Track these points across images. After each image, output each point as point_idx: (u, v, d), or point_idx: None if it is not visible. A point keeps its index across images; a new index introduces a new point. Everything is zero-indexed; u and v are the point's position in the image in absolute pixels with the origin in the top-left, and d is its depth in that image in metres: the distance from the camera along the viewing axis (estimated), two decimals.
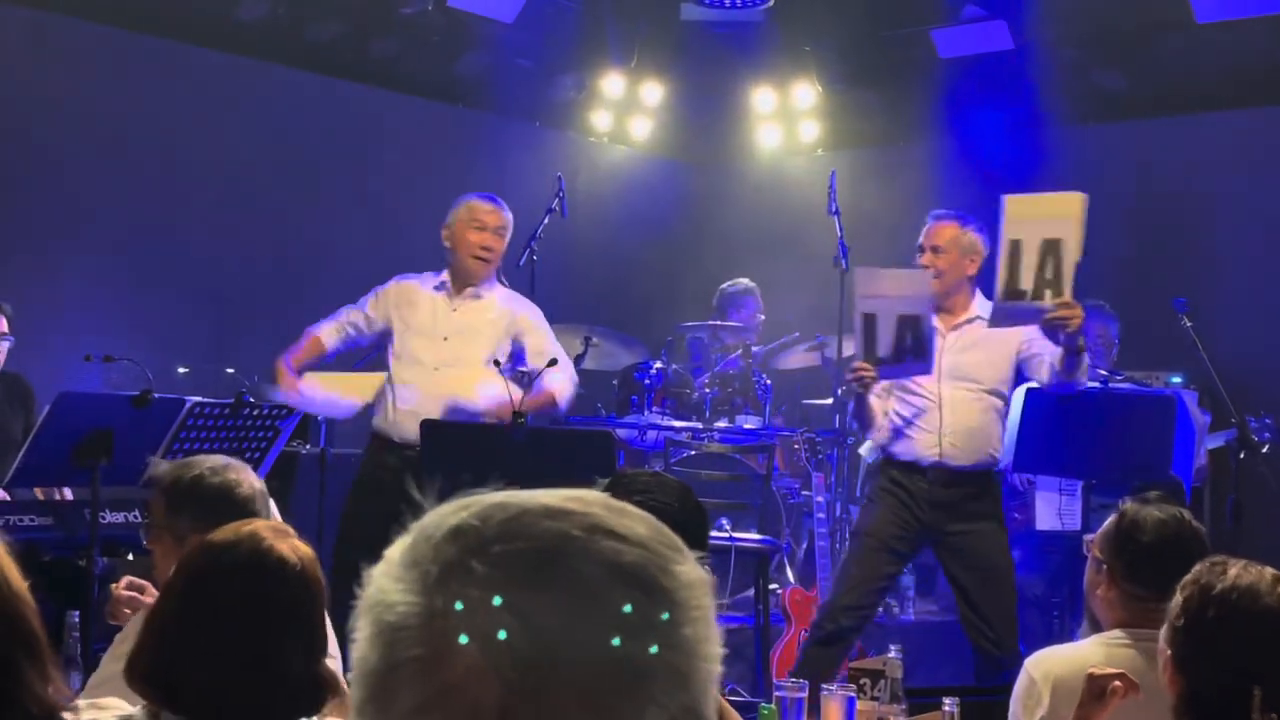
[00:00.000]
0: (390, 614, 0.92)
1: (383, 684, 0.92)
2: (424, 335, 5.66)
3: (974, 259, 5.43)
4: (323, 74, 8.28)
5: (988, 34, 8.41)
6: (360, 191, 8.33)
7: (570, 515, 0.94)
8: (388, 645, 0.91)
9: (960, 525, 5.34)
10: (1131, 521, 3.12)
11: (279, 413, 5.14)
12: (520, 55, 8.83)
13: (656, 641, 0.91)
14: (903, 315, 5.15)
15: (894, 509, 5.40)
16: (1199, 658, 2.47)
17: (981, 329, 5.38)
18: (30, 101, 7.17)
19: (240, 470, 3.25)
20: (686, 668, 0.92)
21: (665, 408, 7.24)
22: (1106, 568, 3.14)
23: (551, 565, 0.91)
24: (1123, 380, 6.19)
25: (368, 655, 0.93)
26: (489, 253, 5.71)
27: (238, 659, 2.11)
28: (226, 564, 2.19)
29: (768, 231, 9.27)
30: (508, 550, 0.91)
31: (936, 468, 5.35)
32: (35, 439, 4.75)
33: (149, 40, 7.60)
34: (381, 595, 0.93)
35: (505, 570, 0.91)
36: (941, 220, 5.49)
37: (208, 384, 6.74)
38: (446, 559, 0.92)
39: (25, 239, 7.12)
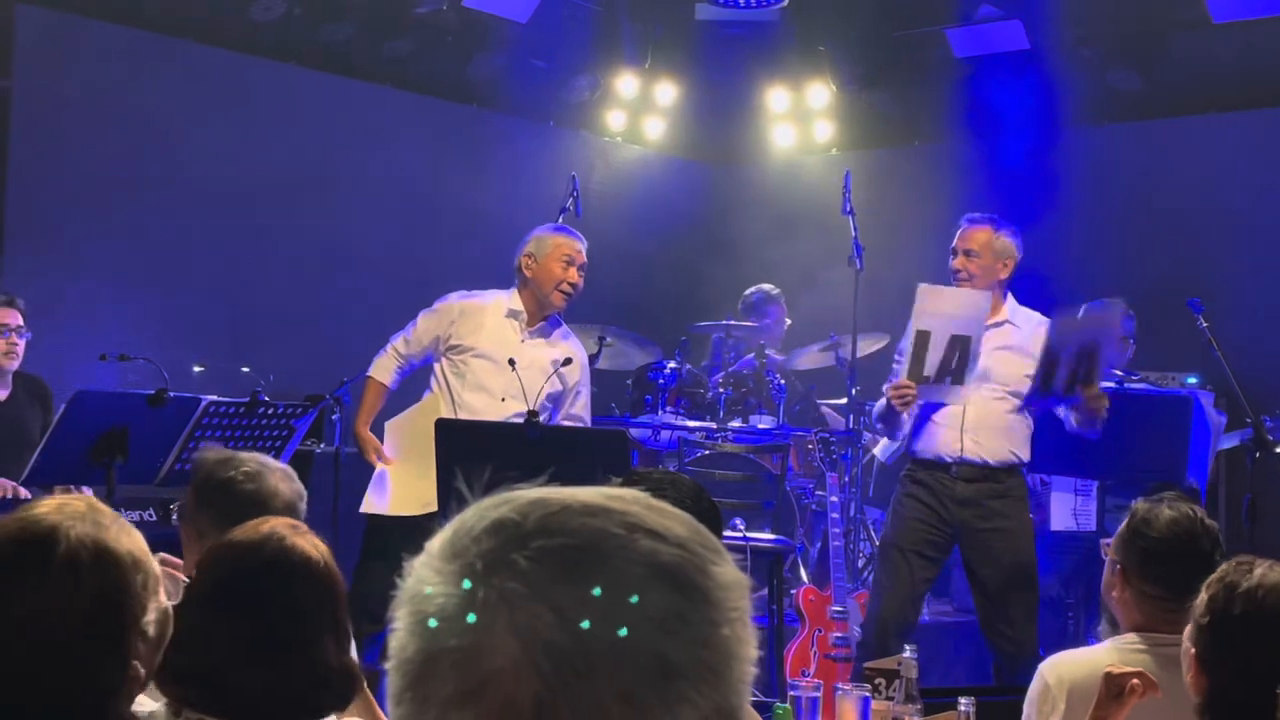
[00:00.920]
0: (430, 605, 0.93)
1: (420, 673, 0.92)
2: (492, 361, 5.52)
3: (1007, 263, 5.41)
4: (337, 74, 8.29)
5: (1003, 33, 8.39)
6: (375, 191, 8.35)
7: (610, 513, 0.95)
8: (426, 636, 0.92)
9: (987, 523, 5.33)
10: (1142, 519, 3.11)
11: (294, 411, 5.15)
12: (534, 55, 8.83)
13: (693, 640, 0.92)
14: (955, 335, 5.16)
15: (920, 513, 5.38)
16: (1224, 657, 2.46)
17: (1012, 332, 5.38)
18: (47, 100, 7.20)
19: (278, 478, 3.20)
20: (722, 667, 0.93)
21: (679, 407, 7.24)
22: (1120, 567, 3.12)
23: (590, 562, 0.92)
24: (1138, 381, 6.18)
25: (406, 645, 0.94)
26: (574, 290, 5.66)
27: (273, 656, 2.13)
28: (253, 563, 2.22)
29: (782, 232, 9.26)
30: (548, 545, 0.92)
31: (960, 464, 5.34)
32: (51, 437, 4.77)
33: (165, 40, 7.62)
34: (421, 586, 0.94)
35: (545, 565, 0.91)
36: (975, 224, 5.45)
37: (223, 382, 6.75)
38: (487, 552, 0.93)
39: (42, 237, 7.15)
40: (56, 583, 1.88)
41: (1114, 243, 8.34)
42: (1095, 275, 7.57)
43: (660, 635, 0.91)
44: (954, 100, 8.81)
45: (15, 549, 1.91)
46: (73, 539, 1.90)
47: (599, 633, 0.89)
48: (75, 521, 1.93)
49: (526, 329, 5.63)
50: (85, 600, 1.89)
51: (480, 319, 5.61)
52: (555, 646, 0.89)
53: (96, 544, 1.92)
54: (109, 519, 1.98)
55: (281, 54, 8.02)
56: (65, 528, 1.91)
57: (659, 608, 0.91)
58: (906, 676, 3.32)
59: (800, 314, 8.30)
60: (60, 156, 7.25)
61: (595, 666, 0.89)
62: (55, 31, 7.27)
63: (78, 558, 1.90)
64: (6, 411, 5.75)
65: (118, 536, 1.95)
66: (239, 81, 7.93)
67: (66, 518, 1.93)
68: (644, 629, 0.90)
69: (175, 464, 4.96)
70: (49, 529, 1.91)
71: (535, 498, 0.96)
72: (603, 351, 7.59)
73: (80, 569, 1.89)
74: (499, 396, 5.49)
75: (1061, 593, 6.57)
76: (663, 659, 0.90)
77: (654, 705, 0.90)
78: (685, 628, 0.92)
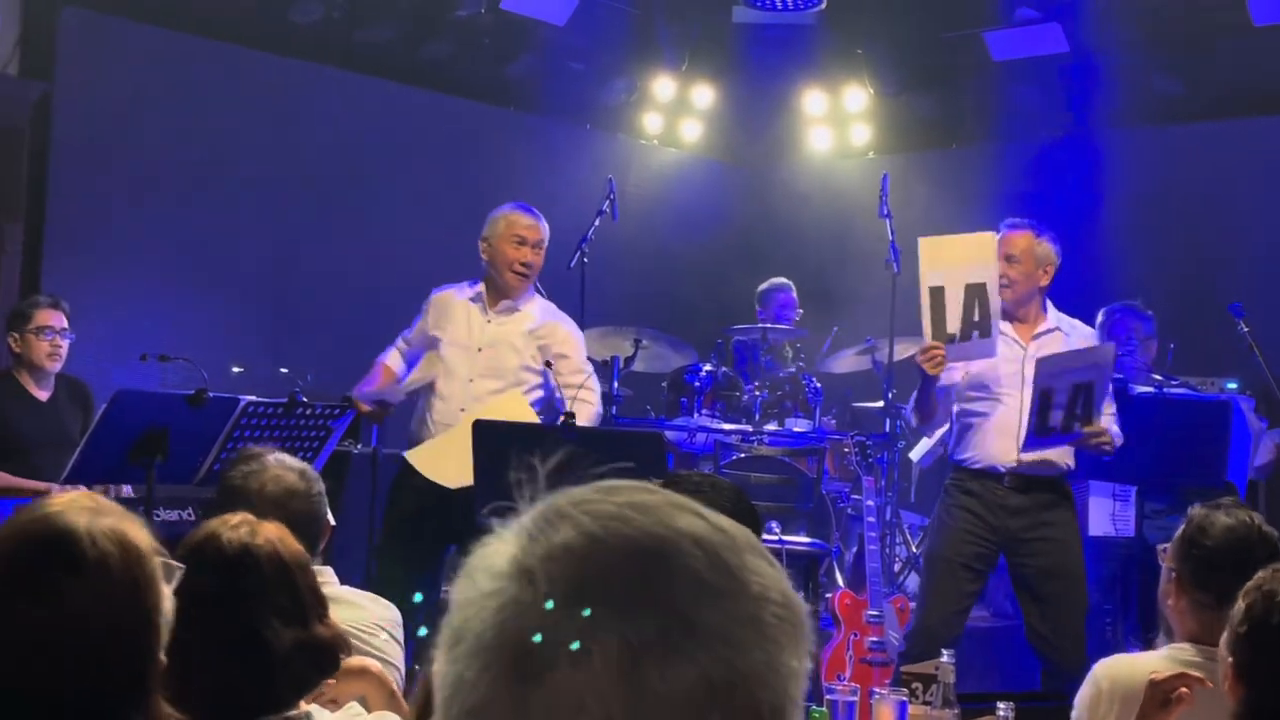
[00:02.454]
0: (483, 561, 0.96)
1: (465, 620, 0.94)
2: (459, 347, 5.57)
3: (1048, 269, 5.35)
4: (376, 76, 8.33)
5: (1042, 36, 8.35)
6: (413, 193, 8.38)
7: (663, 493, 0.98)
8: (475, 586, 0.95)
9: (1038, 531, 5.28)
10: (1198, 527, 3.05)
11: (331, 412, 5.17)
12: (572, 58, 8.85)
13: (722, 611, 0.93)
14: (970, 284, 5.04)
15: (969, 524, 5.32)
16: (1261, 665, 2.43)
17: (1062, 339, 5.33)
18: (89, 102, 7.26)
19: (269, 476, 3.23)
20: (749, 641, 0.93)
21: (715, 410, 7.23)
22: (1175, 575, 3.06)
23: (632, 521, 0.94)
24: (1178, 386, 6.13)
25: (459, 593, 0.96)
26: (528, 269, 5.59)
27: (225, 652, 2.19)
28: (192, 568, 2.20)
29: (818, 235, 9.25)
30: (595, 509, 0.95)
31: (1014, 474, 5.30)
32: (92, 436, 4.80)
33: (205, 42, 7.68)
34: (485, 548, 0.97)
35: (590, 520, 0.94)
36: (1016, 228, 5.38)
37: (262, 383, 6.79)
38: (542, 515, 0.96)
39: (83, 238, 7.21)
40: (91, 579, 1.89)
41: (1154, 246, 8.29)
42: (1135, 278, 7.52)
43: (684, 596, 0.91)
44: (992, 103, 8.77)
45: (43, 549, 1.91)
46: (97, 534, 1.92)
47: (621, 580, 0.91)
48: (93, 517, 1.94)
49: (491, 310, 5.61)
50: (119, 594, 1.90)
51: (449, 309, 5.64)
52: (573, 584, 0.91)
53: (120, 537, 1.93)
54: (119, 512, 1.99)
55: (320, 56, 8.07)
56: (85, 524, 1.92)
57: (694, 572, 0.93)
58: (944, 681, 3.31)
59: (837, 317, 8.28)
60: (101, 158, 7.31)
61: (605, 605, 0.90)
62: (97, 34, 7.33)
63: (107, 552, 1.91)
64: (48, 412, 5.80)
65: (133, 528, 1.97)
66: (278, 83, 7.98)
67: (81, 514, 1.94)
68: (668, 585, 0.92)
69: (214, 463, 4.99)
70: (69, 526, 1.91)
71: (590, 485, 0.99)
72: (638, 354, 7.59)
73: (110, 563, 1.90)
74: (467, 378, 5.52)
75: (1099, 599, 6.51)
76: (689, 621, 0.91)
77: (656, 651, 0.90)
78: (712, 597, 0.92)
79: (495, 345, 5.54)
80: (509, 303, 5.63)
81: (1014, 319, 5.36)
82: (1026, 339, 5.35)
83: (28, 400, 5.77)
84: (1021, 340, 5.35)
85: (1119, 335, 6.38)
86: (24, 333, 5.74)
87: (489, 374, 5.51)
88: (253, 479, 3.19)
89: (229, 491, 3.21)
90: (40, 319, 5.74)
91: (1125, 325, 6.39)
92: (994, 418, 5.31)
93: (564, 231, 5.86)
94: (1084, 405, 5.05)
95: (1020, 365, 5.27)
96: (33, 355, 5.73)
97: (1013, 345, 5.31)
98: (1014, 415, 5.24)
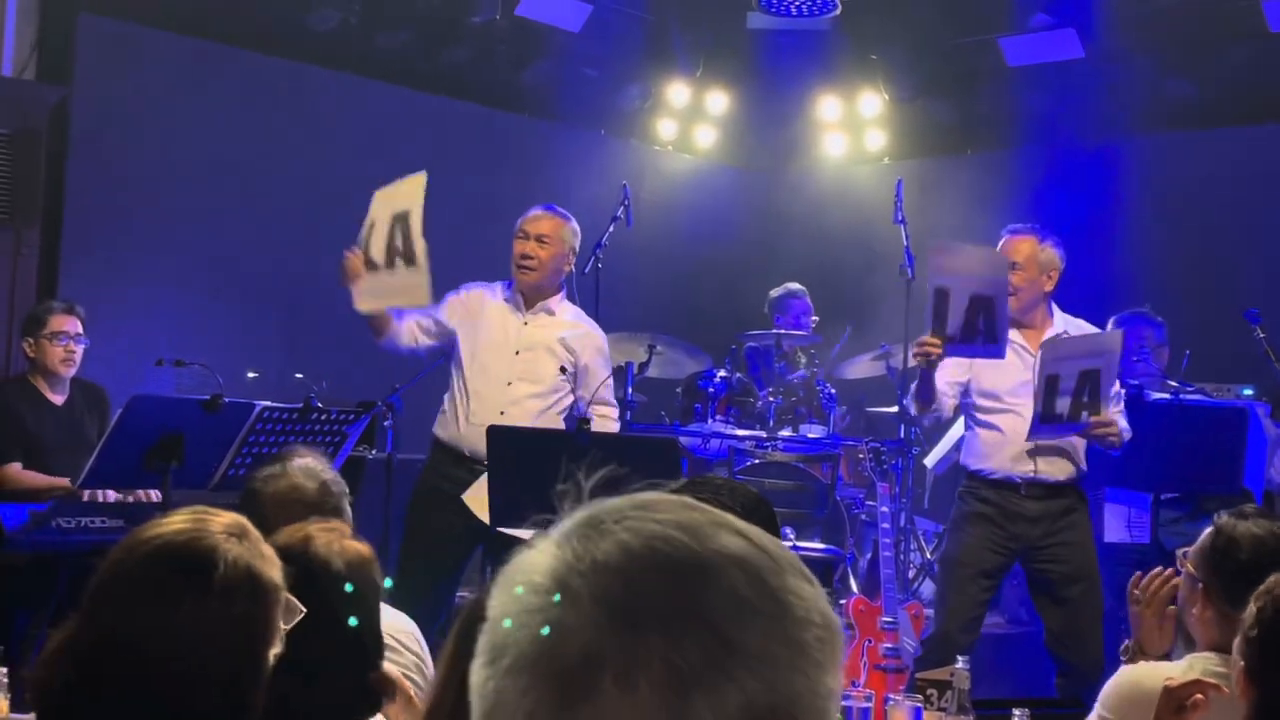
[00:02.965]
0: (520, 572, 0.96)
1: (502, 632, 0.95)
2: (495, 348, 5.55)
3: (1051, 275, 5.35)
4: (392, 82, 8.35)
5: (1057, 42, 8.34)
6: (428, 198, 8.37)
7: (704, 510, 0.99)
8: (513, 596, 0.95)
9: (1057, 537, 5.29)
10: (1228, 539, 2.99)
11: (346, 417, 5.18)
12: (587, 64, 8.86)
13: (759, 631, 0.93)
14: (976, 295, 5.02)
15: (987, 532, 5.33)
16: (1272, 668, 2.43)
17: None
18: (106, 107, 7.29)
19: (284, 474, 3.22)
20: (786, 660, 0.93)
21: (729, 416, 7.23)
22: (1202, 586, 3.01)
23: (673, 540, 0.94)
24: (1193, 392, 6.12)
25: (496, 605, 0.97)
26: (529, 261, 5.58)
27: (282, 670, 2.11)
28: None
29: (833, 241, 9.25)
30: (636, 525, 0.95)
31: (1031, 483, 5.29)
32: (108, 441, 4.82)
33: (222, 49, 7.70)
34: (522, 557, 0.98)
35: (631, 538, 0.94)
36: (1018, 234, 5.39)
37: (277, 388, 6.80)
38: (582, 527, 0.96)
39: (99, 243, 7.24)
40: (214, 604, 1.92)
41: (1169, 252, 8.27)
42: (1150, 284, 7.50)
43: (725, 617, 0.92)
44: (1007, 109, 8.76)
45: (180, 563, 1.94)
46: (230, 561, 1.94)
47: (662, 599, 0.91)
48: (232, 544, 1.97)
49: (526, 311, 5.63)
50: (236, 625, 1.93)
51: (483, 306, 5.64)
52: (615, 604, 0.91)
53: (250, 570, 1.95)
54: (256, 539, 2.01)
55: (337, 63, 8.09)
56: (224, 549, 1.95)
57: (731, 592, 0.93)
58: (959, 688, 3.31)
59: (851, 323, 8.27)
60: (118, 163, 7.33)
61: (649, 628, 0.90)
62: (115, 40, 7.36)
63: (233, 582, 1.93)
64: (63, 416, 5.82)
65: (268, 566, 1.99)
66: (295, 90, 8.00)
67: (225, 537, 1.96)
68: (710, 606, 0.92)
69: (229, 469, 5.01)
70: (210, 549, 1.95)
71: (631, 496, 1.00)
72: (653, 359, 7.60)
73: (234, 593, 1.93)
74: (505, 381, 5.51)
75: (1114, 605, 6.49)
76: (729, 642, 0.91)
77: (702, 675, 0.90)
78: (754, 618, 0.93)
79: (533, 348, 5.55)
80: (544, 304, 5.65)
81: (1021, 325, 5.36)
82: (1035, 346, 5.34)
83: (43, 405, 5.79)
84: (1030, 348, 5.34)
85: (1130, 343, 6.38)
86: (39, 338, 5.77)
87: (527, 377, 5.51)
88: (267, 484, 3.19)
89: (246, 493, 3.22)
90: (54, 324, 5.76)
91: (1136, 333, 6.38)
92: (1007, 427, 5.31)
93: (579, 238, 5.86)
94: (1090, 393, 5.03)
95: (1032, 373, 5.25)
96: (47, 360, 5.76)
97: (1022, 354, 5.31)
98: (1026, 424, 5.23)
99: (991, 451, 5.36)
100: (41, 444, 5.71)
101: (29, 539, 4.77)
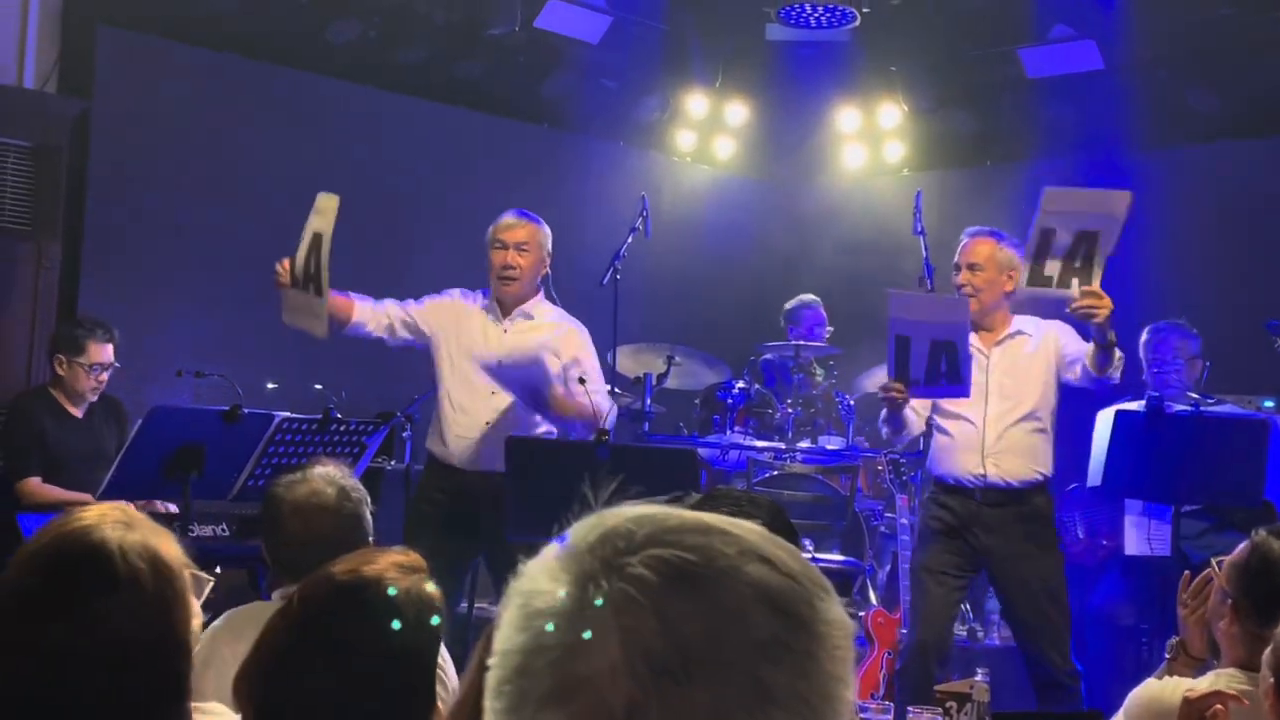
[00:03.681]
0: (538, 600, 0.94)
1: (520, 667, 0.93)
2: (476, 358, 5.45)
3: (1011, 275, 5.35)
4: (411, 95, 8.37)
5: (1077, 54, 8.32)
6: (447, 210, 8.40)
7: (725, 534, 0.96)
8: (531, 631, 0.93)
9: (1012, 547, 5.29)
10: (1263, 558, 2.93)
11: (365, 428, 5.19)
12: (605, 75, 8.88)
13: (792, 669, 0.92)
14: (936, 341, 5.07)
15: (946, 538, 5.35)
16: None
17: (1024, 343, 5.33)
18: (126, 120, 7.32)
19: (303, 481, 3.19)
20: (818, 702, 0.93)
21: (748, 427, 7.22)
22: (1231, 602, 2.97)
23: (701, 577, 0.93)
24: (1214, 404, 6.09)
25: (510, 637, 0.95)
26: (511, 271, 5.50)
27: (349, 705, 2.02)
28: (352, 605, 2.09)
29: (852, 252, 9.23)
30: (660, 556, 0.93)
31: (984, 489, 5.30)
32: (128, 452, 4.84)
33: (242, 61, 7.73)
34: (533, 584, 0.95)
35: (656, 574, 0.92)
36: (976, 237, 5.45)
37: (296, 399, 6.82)
38: (600, 556, 0.94)
39: (120, 255, 7.26)
40: (123, 596, 1.88)
41: (1191, 264, 8.24)
42: (1171, 297, 7.47)
43: (761, 659, 0.91)
44: (1027, 121, 8.74)
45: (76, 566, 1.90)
46: (129, 551, 1.91)
47: (700, 647, 0.90)
48: (125, 532, 1.93)
49: (505, 319, 5.56)
50: (150, 611, 1.90)
51: (465, 314, 5.58)
52: (656, 653, 0.89)
53: (152, 554, 1.93)
54: (149, 526, 1.98)
55: (356, 75, 8.11)
56: (117, 540, 1.91)
57: (763, 632, 0.92)
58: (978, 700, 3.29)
59: (871, 335, 8.25)
60: (138, 175, 7.36)
61: (693, 679, 0.89)
62: (135, 53, 7.40)
63: (138, 569, 1.91)
64: (84, 428, 5.85)
65: (164, 543, 1.96)
66: (314, 102, 8.03)
67: (114, 529, 1.94)
68: (746, 650, 0.91)
69: (249, 479, 5.02)
70: (102, 543, 1.90)
71: (650, 512, 0.97)
72: (671, 371, 7.59)
73: (142, 580, 1.90)
74: (489, 391, 5.42)
75: (1136, 620, 6.46)
76: (760, 683, 0.91)
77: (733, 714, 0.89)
78: (787, 655, 0.92)
79: (514, 356, 5.43)
80: (522, 310, 5.57)
81: (980, 328, 5.38)
82: (989, 346, 5.36)
83: (64, 417, 5.82)
84: (985, 349, 5.35)
85: (1164, 354, 6.34)
86: (73, 362, 5.78)
87: (513, 384, 5.39)
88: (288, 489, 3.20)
89: (266, 499, 3.23)
90: (93, 355, 5.79)
91: (1169, 343, 6.34)
92: (959, 433, 5.33)
93: (597, 249, 5.87)
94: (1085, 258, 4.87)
95: (984, 376, 5.28)
96: (76, 384, 5.79)
97: (976, 356, 5.30)
98: (978, 429, 5.26)
99: (944, 456, 5.39)
100: (62, 457, 5.74)
101: None
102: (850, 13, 7.79)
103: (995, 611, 7.06)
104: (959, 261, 5.43)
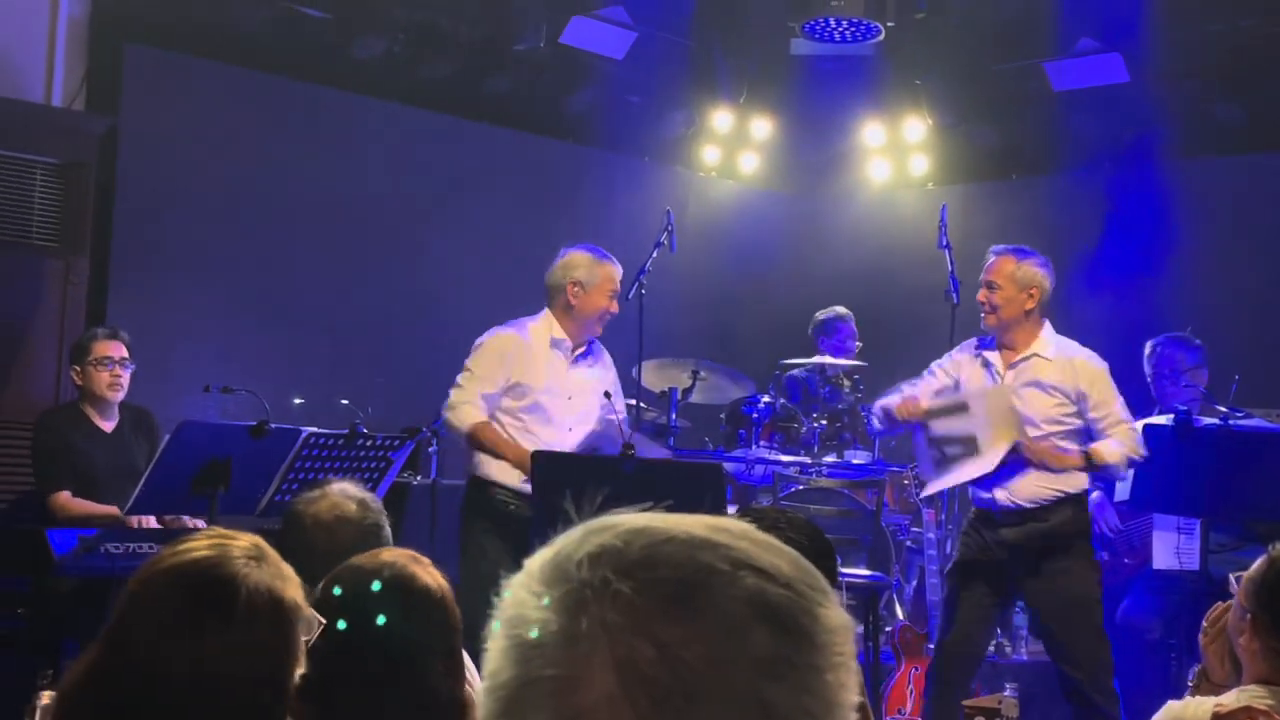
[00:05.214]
0: (528, 630, 0.91)
1: (515, 699, 0.90)
2: (551, 394, 5.55)
3: (1033, 293, 5.33)
4: (436, 110, 8.41)
5: (1102, 66, 8.30)
6: (472, 226, 8.43)
7: (716, 547, 0.93)
8: (524, 662, 0.90)
9: (1039, 564, 5.27)
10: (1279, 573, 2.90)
11: (391, 443, 5.20)
12: (630, 91, 8.89)
13: (796, 686, 0.90)
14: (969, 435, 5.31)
15: (978, 546, 5.38)
16: None
17: (1039, 366, 5.30)
18: (153, 136, 7.36)
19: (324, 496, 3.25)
20: (823, 714, 0.91)
21: (773, 441, 7.21)
22: (1251, 617, 2.92)
23: (695, 597, 0.90)
24: (1243, 417, 6.05)
25: (502, 669, 0.92)
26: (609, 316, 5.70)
27: (380, 677, 2.16)
28: (373, 587, 2.23)
29: (877, 266, 9.22)
30: (652, 577, 0.90)
31: (1004, 511, 5.29)
32: (156, 466, 4.86)
33: (268, 78, 7.77)
34: (520, 610, 0.92)
35: (648, 597, 0.89)
36: (998, 255, 5.45)
37: (323, 415, 6.84)
38: (589, 580, 0.90)
39: (145, 272, 7.30)
40: (237, 631, 1.93)
41: (1218, 276, 8.20)
42: (1198, 308, 7.43)
43: (762, 678, 0.89)
44: (1052, 134, 8.72)
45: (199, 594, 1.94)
46: (251, 586, 1.94)
47: (700, 671, 0.87)
48: (254, 568, 1.97)
49: (572, 355, 5.65)
50: (260, 649, 1.94)
51: (530, 354, 5.57)
52: (654, 682, 0.87)
53: (271, 593, 1.96)
54: (275, 560, 2.02)
55: (382, 91, 8.15)
56: (245, 575, 1.95)
57: (763, 649, 0.89)
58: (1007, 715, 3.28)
59: (896, 348, 8.24)
60: (165, 192, 7.40)
61: (695, 705, 0.87)
62: (162, 70, 7.44)
63: (258, 608, 1.94)
64: (114, 443, 5.86)
65: (288, 586, 2.00)
66: (340, 118, 8.06)
67: (244, 562, 1.97)
68: (746, 670, 0.88)
69: (276, 494, 5.03)
70: (231, 576, 1.95)
71: (639, 526, 0.94)
72: (696, 385, 7.59)
73: (259, 620, 1.93)
74: (566, 427, 5.54)
75: (1164, 634, 6.42)
76: (764, 703, 0.88)
77: None
78: (790, 672, 0.90)
79: (583, 392, 5.60)
80: (584, 346, 5.70)
81: (1002, 346, 5.37)
82: (1006, 366, 5.36)
83: (94, 432, 5.84)
84: (1000, 368, 5.35)
85: (1163, 369, 6.36)
86: (85, 365, 5.82)
87: (584, 420, 5.56)
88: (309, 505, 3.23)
89: (287, 516, 3.26)
90: (99, 350, 5.81)
91: (1170, 358, 6.36)
92: (972, 456, 5.33)
93: (622, 263, 5.87)
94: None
95: None
96: (94, 387, 5.80)
97: (993, 374, 5.34)
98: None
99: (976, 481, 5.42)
100: (92, 472, 5.75)
101: (78, 564, 4.81)
102: (875, 27, 7.79)
103: (1024, 626, 7.03)
104: (981, 279, 5.44)
